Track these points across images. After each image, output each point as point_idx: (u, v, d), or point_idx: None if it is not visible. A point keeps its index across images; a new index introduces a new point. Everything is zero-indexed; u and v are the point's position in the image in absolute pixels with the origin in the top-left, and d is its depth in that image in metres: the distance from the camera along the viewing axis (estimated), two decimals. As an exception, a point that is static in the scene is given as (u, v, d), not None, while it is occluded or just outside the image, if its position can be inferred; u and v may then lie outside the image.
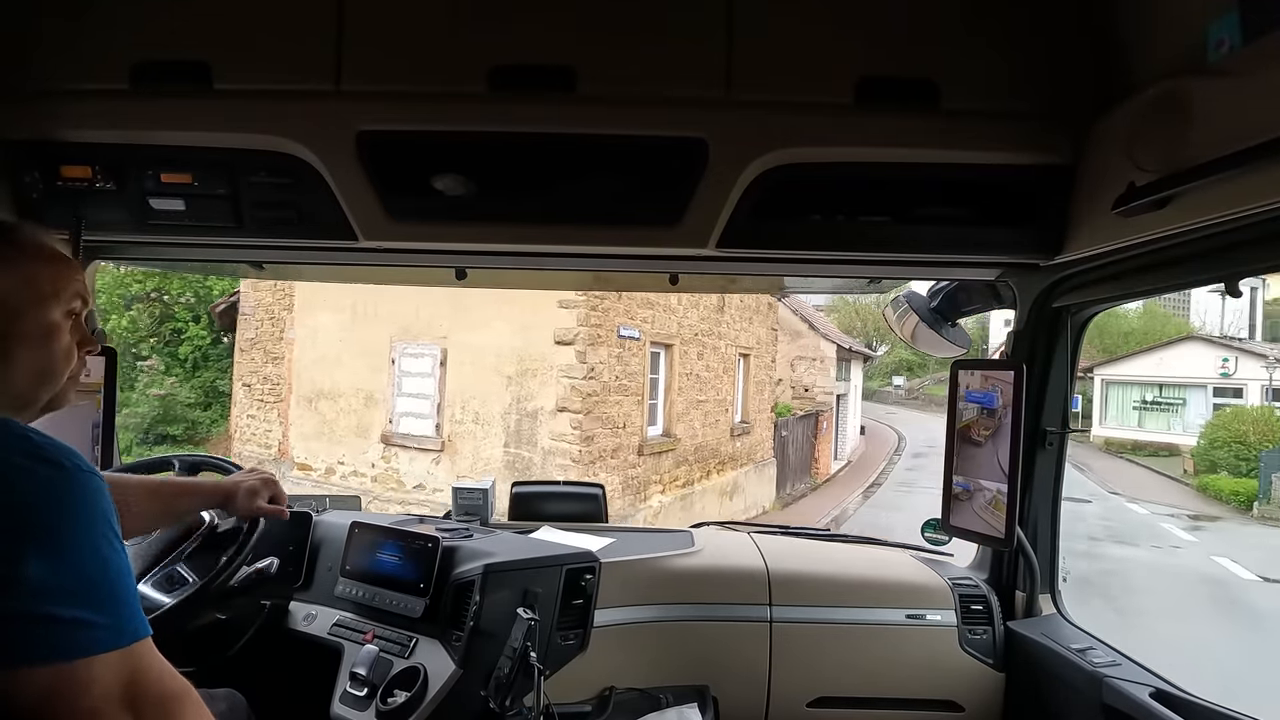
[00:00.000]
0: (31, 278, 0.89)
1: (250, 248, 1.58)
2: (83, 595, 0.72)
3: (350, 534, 1.81)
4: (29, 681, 0.69)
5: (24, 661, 0.69)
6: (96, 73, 1.32)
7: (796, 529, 2.37)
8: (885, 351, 50.16)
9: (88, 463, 0.78)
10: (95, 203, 1.38)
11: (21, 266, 0.89)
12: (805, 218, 1.41)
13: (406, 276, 2.43)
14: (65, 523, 0.73)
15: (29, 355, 0.88)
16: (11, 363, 0.87)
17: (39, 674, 0.70)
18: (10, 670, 0.69)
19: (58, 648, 0.70)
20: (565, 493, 2.35)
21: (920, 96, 1.30)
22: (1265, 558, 11.00)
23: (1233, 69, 0.97)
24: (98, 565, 0.74)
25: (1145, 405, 26.38)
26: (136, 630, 0.75)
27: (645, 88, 1.32)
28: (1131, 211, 1.15)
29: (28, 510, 0.72)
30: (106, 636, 0.72)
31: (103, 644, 0.72)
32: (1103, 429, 26.83)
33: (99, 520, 0.76)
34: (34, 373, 0.90)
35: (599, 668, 1.74)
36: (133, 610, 0.76)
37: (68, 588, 0.71)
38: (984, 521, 1.70)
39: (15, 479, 0.73)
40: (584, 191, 1.38)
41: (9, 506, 0.72)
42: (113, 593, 0.74)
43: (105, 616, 0.73)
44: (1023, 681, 1.82)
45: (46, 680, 0.70)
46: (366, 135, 1.32)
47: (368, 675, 1.54)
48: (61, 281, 0.92)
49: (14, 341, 0.87)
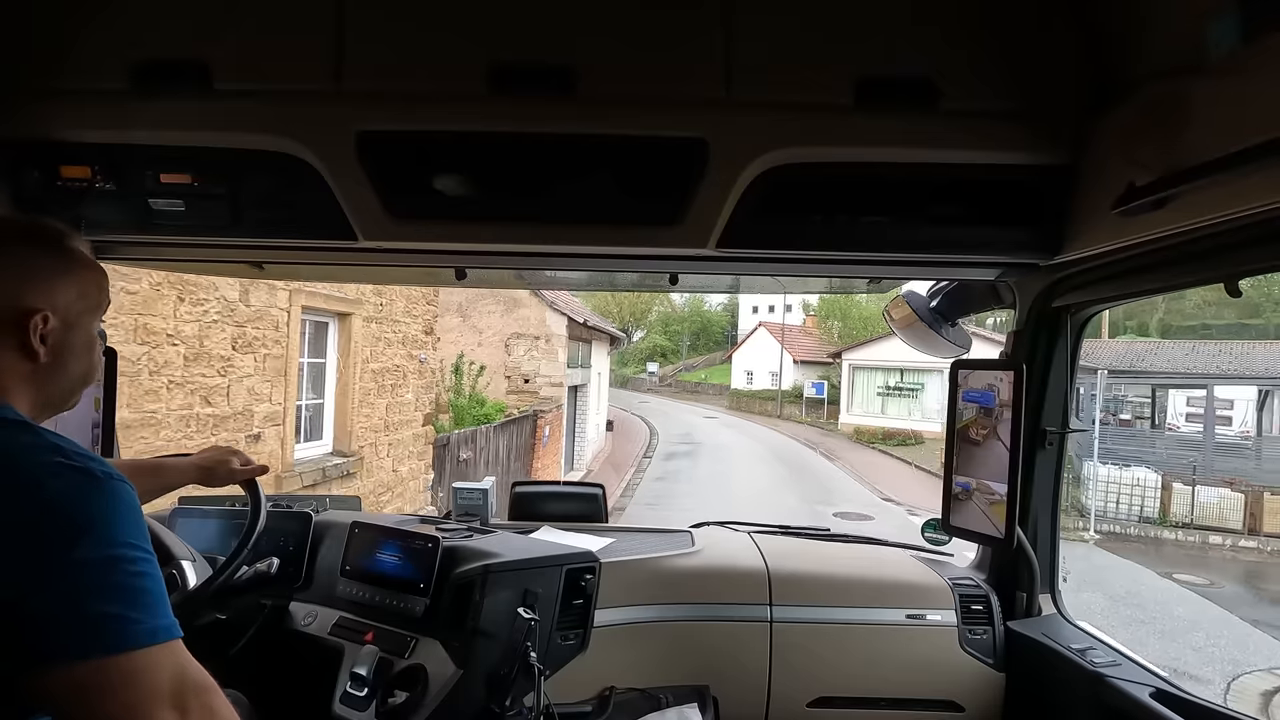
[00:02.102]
0: (86, 289, 0.92)
1: (250, 248, 1.58)
2: (119, 594, 0.73)
3: (350, 534, 1.81)
4: (70, 677, 0.70)
5: (64, 656, 0.70)
6: (96, 73, 1.32)
7: (797, 529, 2.37)
8: (642, 337, 49.46)
9: (117, 471, 0.79)
10: (95, 203, 1.38)
11: (78, 276, 0.91)
12: (805, 218, 1.41)
13: (406, 276, 2.44)
14: (98, 524, 0.74)
15: (76, 364, 0.91)
16: (63, 372, 0.90)
17: (80, 669, 0.70)
18: (52, 665, 0.70)
19: (100, 642, 0.71)
20: (565, 493, 2.35)
21: (920, 97, 1.30)
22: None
23: (1232, 69, 0.97)
24: (130, 565, 0.75)
25: (888, 391, 26.38)
26: (171, 628, 0.77)
27: (645, 88, 1.32)
28: (1131, 211, 1.15)
29: (61, 512, 0.74)
30: (145, 632, 0.74)
31: (144, 639, 0.73)
32: (850, 416, 27.00)
33: (130, 524, 0.77)
34: (78, 379, 0.93)
35: (599, 668, 1.74)
36: (165, 609, 0.77)
37: (105, 586, 0.73)
38: (982, 519, 1.70)
39: (48, 483, 0.75)
40: (584, 191, 1.38)
41: (43, 507, 0.73)
42: (147, 591, 0.76)
43: (141, 611, 0.74)
44: (1023, 681, 1.81)
45: (89, 675, 0.71)
46: (366, 135, 1.32)
47: (368, 675, 1.54)
48: (103, 291, 0.96)
49: (67, 352, 0.90)
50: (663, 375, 46.19)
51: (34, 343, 0.85)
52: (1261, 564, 12.11)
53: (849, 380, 27.49)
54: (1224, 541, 12.82)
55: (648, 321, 54.33)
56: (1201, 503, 13.31)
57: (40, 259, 0.88)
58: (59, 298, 0.88)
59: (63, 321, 0.88)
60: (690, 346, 52.51)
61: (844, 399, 27.76)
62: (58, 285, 0.88)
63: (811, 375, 32.54)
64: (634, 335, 52.47)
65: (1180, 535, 13.21)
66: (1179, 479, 13.79)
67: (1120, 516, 13.78)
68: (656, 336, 53.02)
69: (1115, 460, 14.51)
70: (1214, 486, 13.42)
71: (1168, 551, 12.69)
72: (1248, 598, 10.31)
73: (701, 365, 47.98)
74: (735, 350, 41.15)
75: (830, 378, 30.30)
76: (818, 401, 30.08)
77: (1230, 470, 14.22)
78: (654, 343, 52.35)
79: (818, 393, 30.12)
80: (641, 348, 51.64)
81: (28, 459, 0.76)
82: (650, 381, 45.01)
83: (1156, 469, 14.14)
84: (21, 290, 0.85)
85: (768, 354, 36.57)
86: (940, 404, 22.78)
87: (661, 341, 52.39)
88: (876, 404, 26.42)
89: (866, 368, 26.85)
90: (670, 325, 53.61)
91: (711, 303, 53.98)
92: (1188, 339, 22.59)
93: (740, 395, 35.98)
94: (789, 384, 33.82)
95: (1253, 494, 13.03)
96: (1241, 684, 7.10)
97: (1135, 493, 13.82)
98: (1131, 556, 11.88)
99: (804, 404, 30.91)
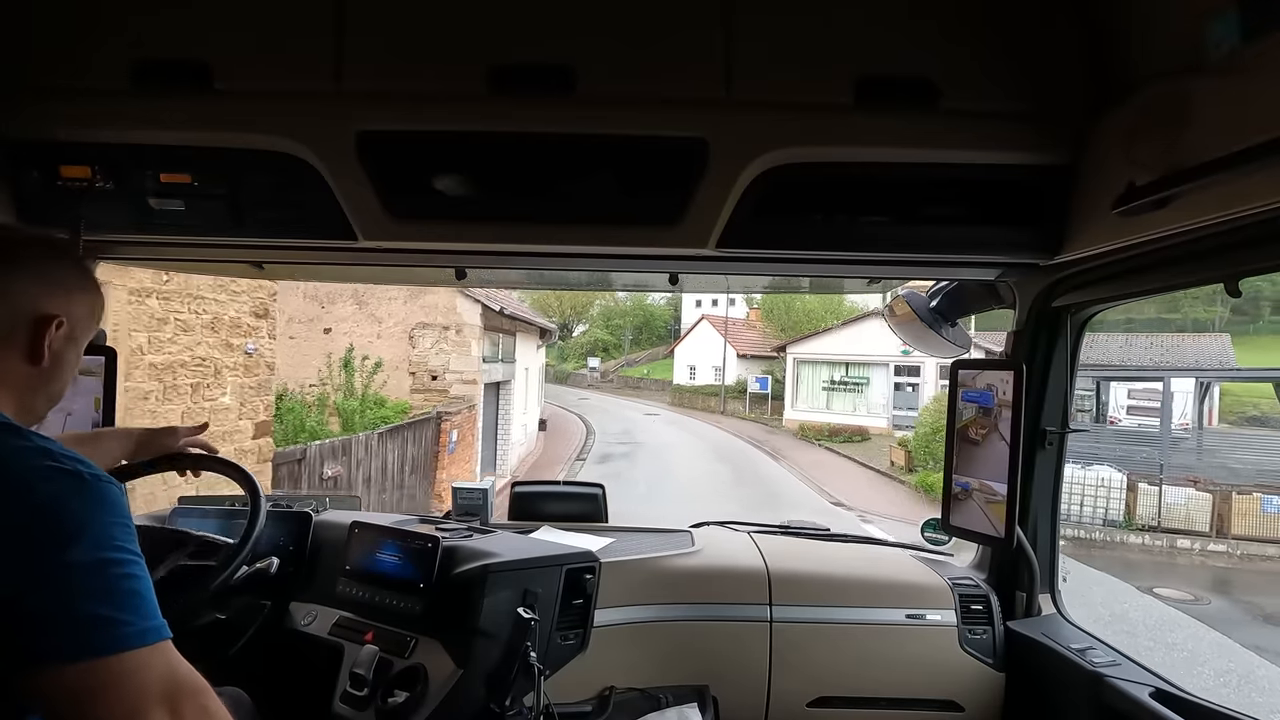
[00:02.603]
0: (94, 307, 0.99)
1: (250, 248, 1.58)
2: (108, 595, 0.74)
3: (350, 534, 1.81)
4: (62, 679, 0.71)
5: (56, 658, 0.71)
6: (96, 73, 1.32)
7: (797, 529, 2.37)
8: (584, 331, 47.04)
9: (105, 474, 0.80)
10: (95, 203, 1.38)
11: (92, 293, 0.98)
12: (805, 218, 1.41)
13: (406, 276, 2.44)
14: (87, 526, 0.75)
15: (65, 375, 0.96)
16: (56, 380, 0.95)
17: (71, 671, 0.71)
18: (43, 667, 0.71)
19: (90, 644, 0.72)
20: (565, 493, 2.35)
21: (920, 96, 1.30)
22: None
23: (1233, 69, 0.97)
24: (119, 567, 0.76)
25: (833, 385, 25.45)
26: (160, 629, 0.77)
27: (645, 87, 1.32)
28: (1131, 211, 1.15)
29: (52, 516, 0.74)
30: (135, 634, 0.74)
31: (133, 640, 0.74)
32: (795, 412, 25.65)
33: (118, 525, 0.78)
34: (59, 391, 0.97)
35: (599, 668, 1.74)
36: (154, 610, 0.77)
37: (93, 587, 0.73)
38: (982, 519, 1.70)
39: (37, 485, 0.76)
40: (584, 191, 1.38)
41: (34, 511, 0.74)
42: (136, 593, 0.76)
43: (130, 613, 0.75)
44: (1023, 681, 1.82)
45: (81, 677, 0.71)
46: (366, 135, 1.32)
47: (368, 675, 1.54)
48: (99, 303, 1.00)
49: (65, 362, 0.94)
50: (604, 371, 44.16)
51: (44, 348, 0.89)
52: (1235, 570, 11.57)
53: (793, 375, 26.35)
54: (1192, 545, 12.22)
55: (590, 315, 52.32)
56: (1168, 504, 12.60)
57: (61, 271, 0.94)
58: (75, 309, 0.93)
59: (69, 333, 0.93)
60: (633, 341, 50.08)
61: (788, 394, 26.47)
62: (76, 297, 0.94)
63: (756, 370, 31.36)
64: (575, 329, 50.91)
65: (1148, 540, 12.48)
66: (1145, 479, 13.05)
67: (1086, 520, 12.97)
68: (599, 331, 50.93)
69: (1075, 459, 13.36)
70: (1179, 486, 12.74)
71: (1135, 558, 12.02)
72: (1235, 615, 9.80)
73: (645, 360, 45.86)
74: (678, 344, 39.24)
75: (774, 372, 29.15)
76: (762, 397, 28.90)
77: (1182, 467, 13.53)
78: (596, 337, 50.16)
79: (762, 388, 29.11)
80: (582, 342, 49.64)
81: (18, 463, 0.77)
82: (591, 377, 43.27)
83: (1119, 467, 13.32)
84: (42, 298, 0.90)
85: (711, 348, 35.14)
86: (884, 399, 23.72)
87: (604, 336, 50.12)
88: (821, 399, 25.52)
89: (811, 361, 25.96)
90: (612, 319, 50.96)
91: (655, 295, 50.78)
92: (1116, 332, 21.97)
93: (683, 391, 34.41)
94: (732, 379, 32.06)
95: (1219, 494, 12.37)
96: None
97: (1101, 493, 13.00)
98: (1100, 565, 11.08)
99: (748, 399, 29.56)
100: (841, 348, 24.92)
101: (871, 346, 23.50)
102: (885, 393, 24.04)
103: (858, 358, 24.44)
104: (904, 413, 22.52)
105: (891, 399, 23.82)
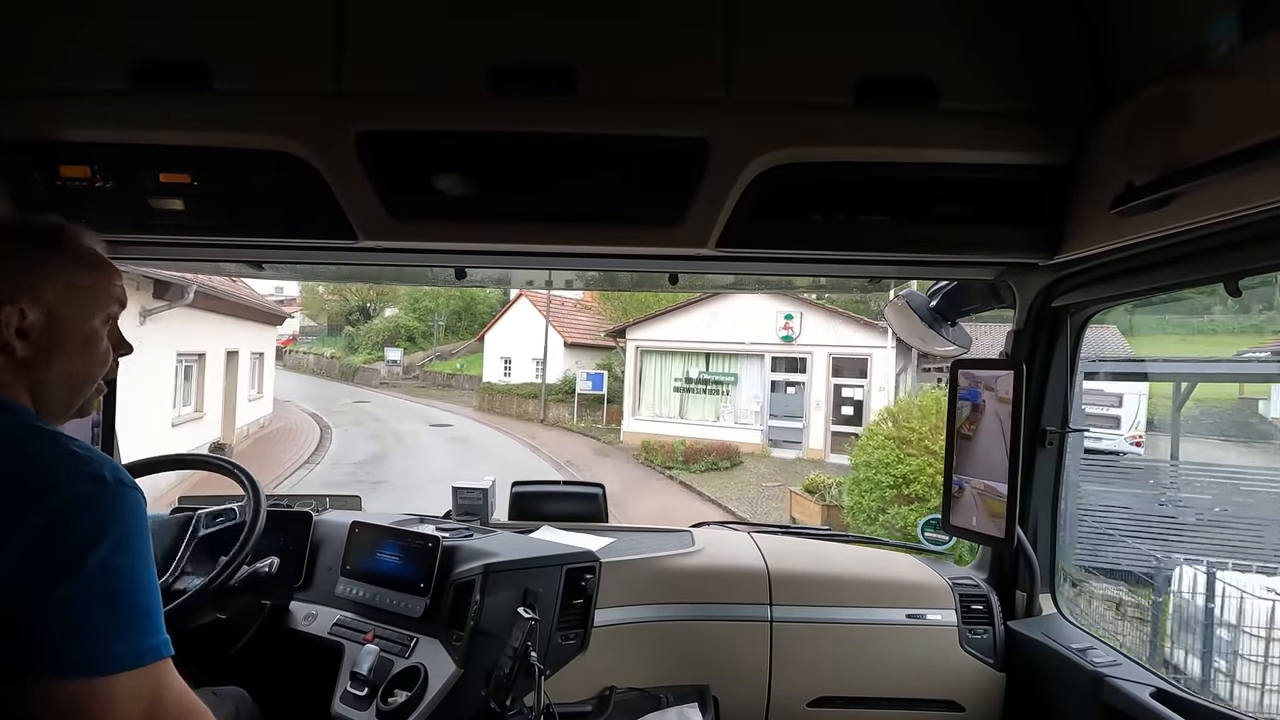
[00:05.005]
0: (77, 285, 0.91)
1: (250, 247, 1.58)
2: (109, 609, 0.73)
3: (350, 534, 1.81)
4: (51, 695, 0.70)
5: (47, 672, 0.70)
6: (96, 73, 1.32)
7: (797, 528, 2.37)
8: (393, 315, 37.12)
9: (130, 477, 0.79)
10: (95, 203, 1.38)
11: (68, 272, 0.90)
12: (805, 218, 1.41)
13: (406, 276, 2.43)
14: (102, 537, 0.74)
15: (67, 361, 0.90)
16: (50, 368, 0.88)
17: (61, 688, 0.70)
18: (34, 679, 0.70)
19: (81, 664, 0.71)
20: (565, 492, 2.35)
21: (919, 96, 1.30)
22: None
23: (1233, 69, 0.97)
24: (127, 580, 0.75)
25: (689, 385, 18.09)
26: (158, 648, 0.76)
27: (645, 87, 1.32)
28: (1130, 211, 1.15)
29: (66, 522, 0.73)
30: (129, 655, 0.73)
31: (125, 662, 0.73)
32: (638, 421, 17.98)
33: (134, 536, 0.76)
34: (75, 378, 0.91)
35: (599, 667, 1.74)
36: (156, 627, 0.76)
37: (95, 600, 0.72)
38: (982, 518, 1.70)
39: (58, 489, 0.74)
40: (584, 191, 1.38)
41: (50, 513, 0.73)
42: (139, 608, 0.75)
43: (130, 632, 0.74)
44: (1023, 681, 1.82)
45: (69, 695, 0.70)
46: (366, 135, 1.32)
47: (368, 675, 1.54)
48: (106, 289, 0.94)
49: (56, 348, 0.88)
50: (408, 365, 34.35)
51: (7, 336, 0.84)
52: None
53: (635, 369, 18.50)
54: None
55: (395, 296, 38.98)
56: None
57: (20, 254, 0.88)
58: (42, 293, 0.87)
59: (47, 316, 0.87)
60: (448, 329, 37.93)
61: (628, 396, 18.48)
62: (39, 280, 0.87)
63: (589, 363, 23.29)
64: (377, 314, 39.97)
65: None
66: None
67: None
68: (404, 316, 38.48)
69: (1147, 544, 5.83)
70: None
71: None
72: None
73: (463, 352, 34.64)
74: (488, 330, 28.20)
75: (612, 366, 21.36)
76: (595, 399, 20.70)
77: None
78: (398, 322, 38.00)
79: (595, 387, 20.88)
80: (379, 328, 37.90)
81: (44, 463, 0.76)
82: (389, 372, 33.27)
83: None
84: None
85: (530, 335, 24.83)
86: (758, 404, 17.12)
87: (410, 322, 37.88)
88: (674, 403, 18.21)
89: (659, 351, 18.45)
90: (421, 302, 37.83)
91: (477, 274, 35.55)
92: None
93: (493, 391, 24.28)
94: (559, 375, 22.98)
95: None
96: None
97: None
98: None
99: (576, 403, 20.97)
100: (699, 332, 17.74)
101: (739, 329, 17.03)
102: (759, 395, 17.19)
103: (721, 346, 17.62)
104: (783, 423, 16.56)
105: (768, 404, 16.93)
